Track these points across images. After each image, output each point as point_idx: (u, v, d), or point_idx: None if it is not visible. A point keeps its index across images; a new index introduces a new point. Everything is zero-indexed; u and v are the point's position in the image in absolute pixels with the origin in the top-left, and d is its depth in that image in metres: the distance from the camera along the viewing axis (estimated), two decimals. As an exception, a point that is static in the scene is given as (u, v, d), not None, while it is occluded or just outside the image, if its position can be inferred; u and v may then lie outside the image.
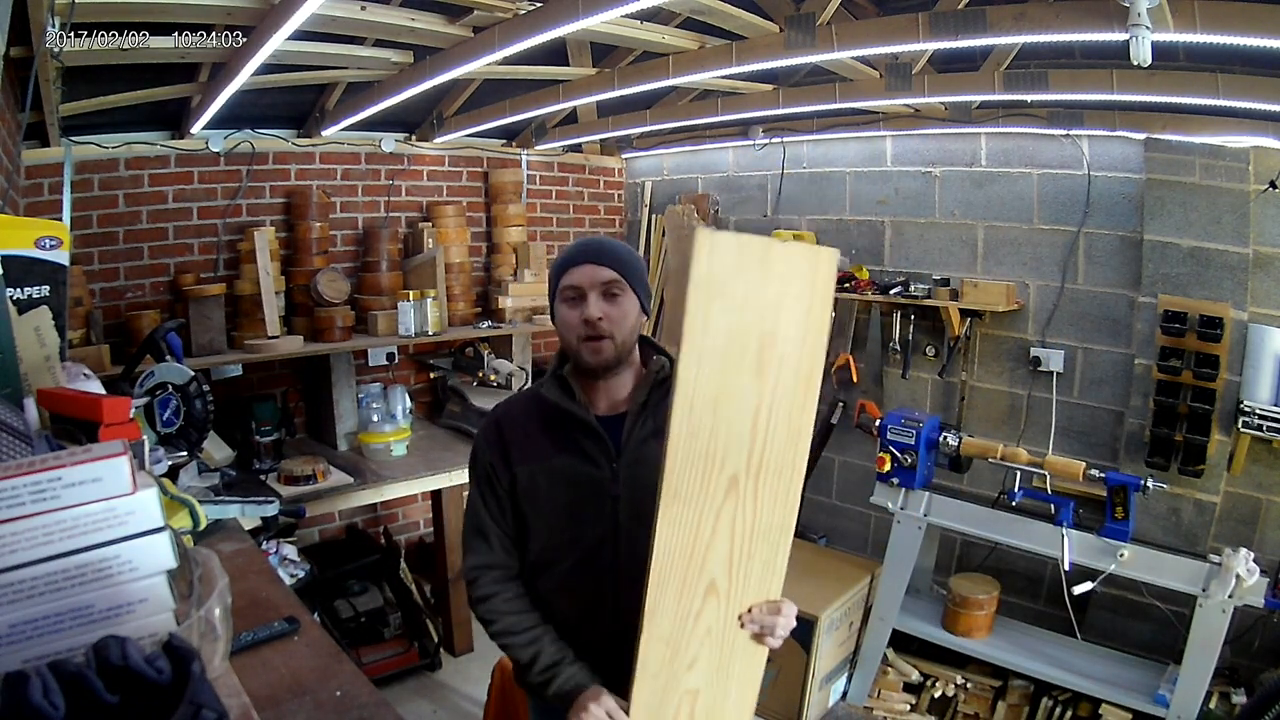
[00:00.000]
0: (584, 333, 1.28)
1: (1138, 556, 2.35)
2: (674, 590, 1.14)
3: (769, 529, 1.16)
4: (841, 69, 2.52)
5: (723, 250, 1.04)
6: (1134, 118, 2.71)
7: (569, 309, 1.30)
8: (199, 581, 0.70)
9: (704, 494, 1.11)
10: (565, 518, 1.34)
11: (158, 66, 2.37)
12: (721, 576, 1.15)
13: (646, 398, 1.32)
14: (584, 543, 1.33)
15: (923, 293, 3.17)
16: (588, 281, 1.28)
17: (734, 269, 1.05)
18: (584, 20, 1.83)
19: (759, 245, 1.06)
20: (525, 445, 1.35)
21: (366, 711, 0.92)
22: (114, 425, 1.09)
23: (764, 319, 1.08)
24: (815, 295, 1.10)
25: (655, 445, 1.28)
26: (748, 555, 1.16)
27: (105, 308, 2.96)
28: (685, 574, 1.14)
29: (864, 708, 2.85)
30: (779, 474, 1.14)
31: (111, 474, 0.61)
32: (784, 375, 1.10)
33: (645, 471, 1.28)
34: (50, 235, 1.18)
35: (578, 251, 1.33)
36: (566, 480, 1.33)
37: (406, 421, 3.32)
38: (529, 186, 4.06)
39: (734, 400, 1.09)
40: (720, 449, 1.10)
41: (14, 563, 0.58)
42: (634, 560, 1.29)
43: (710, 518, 1.12)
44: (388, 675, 3.09)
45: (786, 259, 1.08)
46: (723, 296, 1.05)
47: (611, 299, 1.29)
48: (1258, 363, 2.52)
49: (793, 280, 1.08)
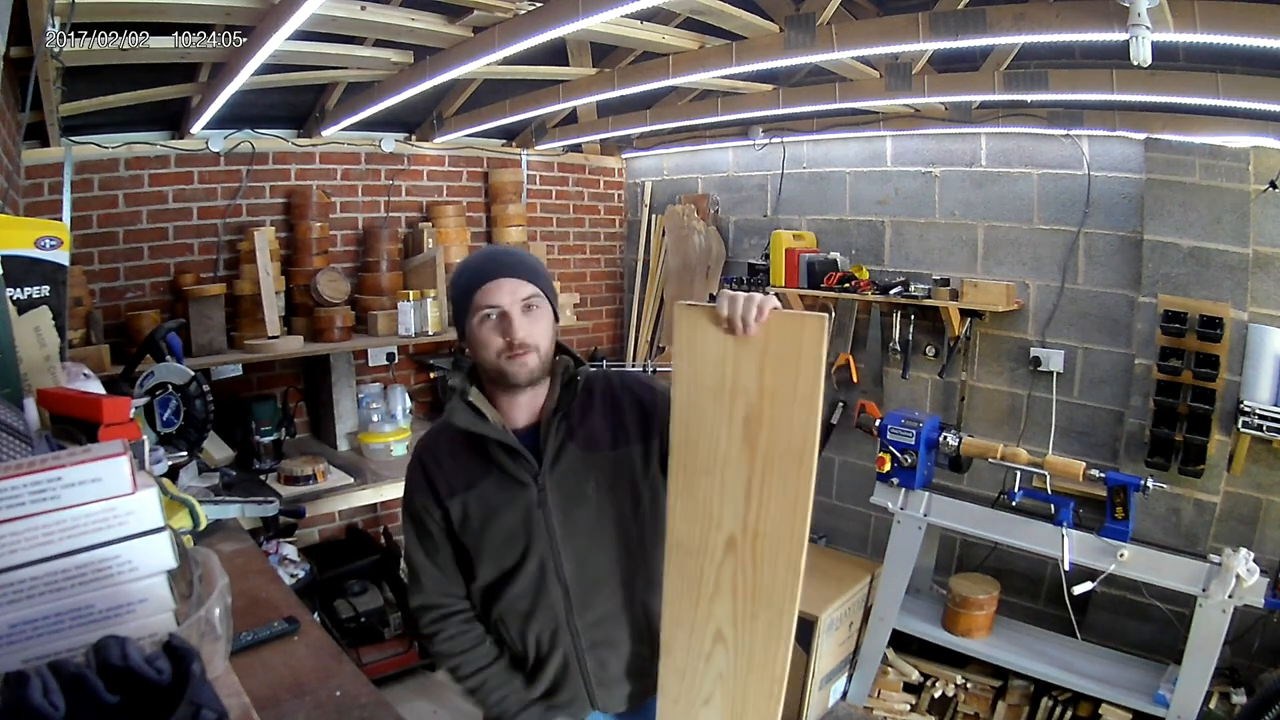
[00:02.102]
0: (509, 351, 1.24)
1: (1138, 556, 2.35)
2: (684, 629, 1.19)
3: (770, 594, 1.15)
4: (841, 69, 2.52)
5: (701, 324, 1.07)
6: (1134, 118, 2.71)
7: (488, 329, 1.25)
8: (199, 581, 0.70)
9: (703, 549, 1.15)
10: (502, 542, 1.31)
11: (158, 66, 2.36)
12: (727, 627, 1.18)
13: (557, 403, 1.30)
14: (527, 564, 1.31)
15: (923, 293, 3.17)
16: (508, 299, 1.23)
17: (714, 341, 1.07)
18: (584, 20, 1.83)
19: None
20: (450, 476, 1.32)
21: (366, 711, 0.92)
22: (114, 425, 1.09)
23: (747, 389, 1.09)
24: (802, 365, 1.07)
25: (574, 448, 1.30)
26: (751, 615, 1.17)
27: (105, 308, 2.96)
28: (694, 617, 1.18)
29: (864, 708, 2.85)
30: (776, 542, 1.13)
31: (111, 474, 0.61)
32: (775, 446, 1.10)
33: (570, 478, 1.29)
34: (50, 235, 1.18)
35: (490, 265, 1.27)
36: (495, 503, 1.30)
37: (406, 421, 3.32)
38: (529, 186, 4.06)
39: (725, 467, 1.12)
40: (716, 510, 1.14)
41: (14, 563, 0.58)
42: (581, 573, 1.31)
43: (712, 571, 1.16)
44: (388, 675, 3.09)
45: (768, 329, 1.07)
46: (703, 368, 1.08)
47: (530, 313, 1.26)
48: (1258, 363, 2.52)
49: (775, 351, 1.07)
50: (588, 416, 1.32)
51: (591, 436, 1.31)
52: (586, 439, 1.30)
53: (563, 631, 1.33)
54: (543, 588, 1.32)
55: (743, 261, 3.90)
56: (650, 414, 1.32)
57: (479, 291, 1.25)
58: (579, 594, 1.32)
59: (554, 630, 1.33)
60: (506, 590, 1.33)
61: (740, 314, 1.06)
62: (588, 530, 1.31)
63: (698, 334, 1.09)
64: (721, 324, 1.07)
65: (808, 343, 1.06)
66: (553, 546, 1.30)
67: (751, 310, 1.06)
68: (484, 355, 1.27)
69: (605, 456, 1.30)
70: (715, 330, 1.08)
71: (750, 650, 1.18)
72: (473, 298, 1.25)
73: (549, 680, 1.36)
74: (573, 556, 1.31)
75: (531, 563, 1.31)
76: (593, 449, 1.30)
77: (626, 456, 1.31)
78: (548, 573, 1.31)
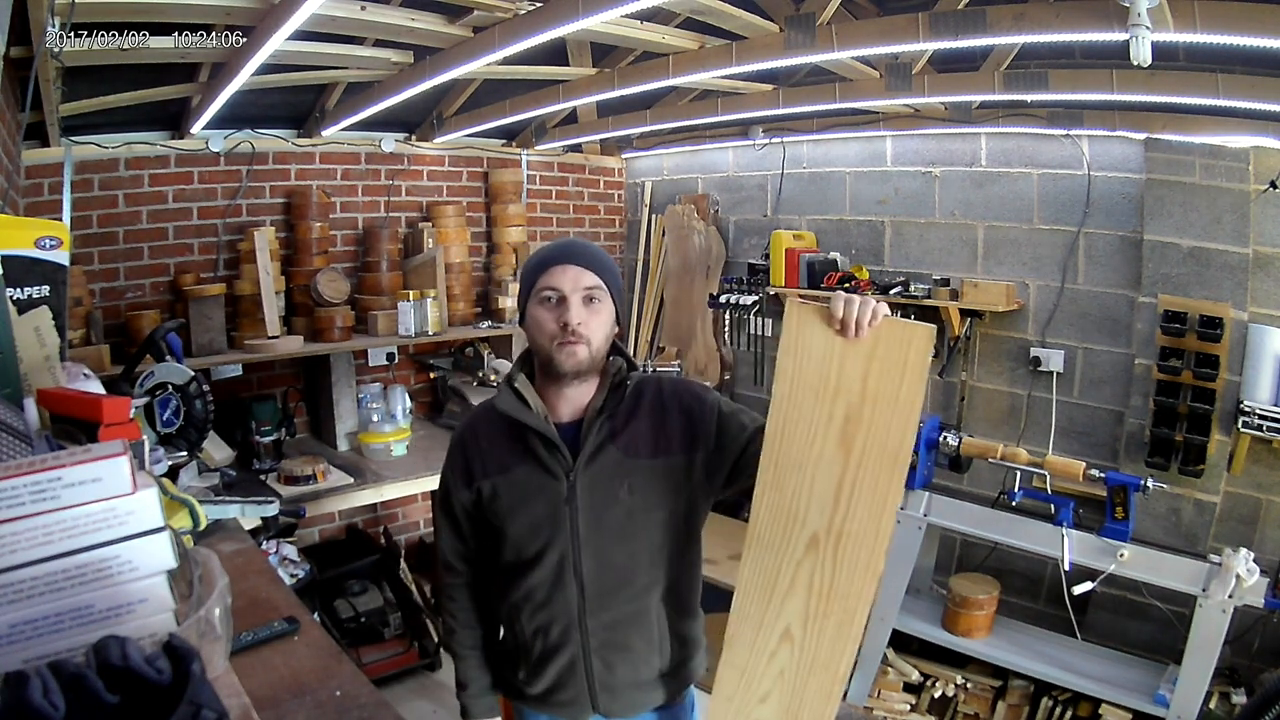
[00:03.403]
0: (561, 337, 1.25)
1: (1138, 556, 2.35)
2: (751, 625, 1.19)
3: (846, 594, 1.15)
4: (841, 69, 2.51)
5: (811, 322, 1.07)
6: (1134, 118, 2.71)
7: (545, 311, 1.26)
8: (199, 581, 0.70)
9: (784, 545, 1.15)
10: (526, 530, 1.32)
11: (158, 66, 2.36)
12: (796, 626, 1.18)
13: (603, 403, 1.30)
14: (547, 555, 1.31)
15: (923, 293, 3.17)
16: (569, 285, 1.25)
17: (821, 341, 1.08)
18: (584, 20, 1.83)
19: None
20: (487, 458, 1.34)
21: (366, 711, 0.92)
22: (114, 425, 1.09)
23: (850, 391, 1.09)
24: (907, 372, 1.08)
25: (614, 450, 1.29)
26: (823, 614, 1.16)
27: (105, 308, 2.96)
28: (764, 614, 1.18)
29: (864, 708, 2.84)
30: (860, 543, 1.13)
31: (111, 474, 0.61)
32: (870, 449, 1.10)
33: (603, 479, 1.28)
34: (50, 235, 1.18)
35: (559, 252, 1.29)
36: (525, 492, 1.31)
37: (406, 421, 3.32)
38: (529, 186, 4.06)
39: (817, 465, 1.12)
40: (803, 508, 1.13)
41: (14, 563, 0.58)
42: (600, 574, 1.31)
43: (789, 568, 1.16)
44: (388, 675, 3.09)
45: (876, 334, 1.07)
46: (808, 366, 1.08)
47: (591, 305, 1.27)
48: (1258, 363, 2.52)
49: (882, 356, 1.08)
50: (632, 420, 1.31)
51: (633, 441, 1.30)
52: (628, 443, 1.30)
53: (574, 630, 1.33)
54: (559, 582, 1.31)
55: (743, 261, 3.90)
56: (697, 424, 1.31)
57: (544, 274, 1.26)
58: (595, 594, 1.31)
59: (565, 627, 1.33)
60: (524, 579, 1.33)
61: (855, 316, 1.06)
62: (614, 532, 1.30)
63: (806, 331, 1.09)
64: (833, 324, 1.07)
65: (915, 351, 1.07)
66: (574, 543, 1.30)
67: (866, 313, 1.06)
68: (537, 338, 1.28)
69: (644, 463, 1.29)
70: (824, 330, 1.08)
71: (816, 649, 1.18)
72: (537, 279, 1.27)
73: (551, 678, 1.35)
74: (593, 556, 1.30)
75: (551, 556, 1.30)
76: (632, 454, 1.29)
77: (666, 465, 1.30)
78: (566, 568, 1.31)
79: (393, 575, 3.32)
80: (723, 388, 3.94)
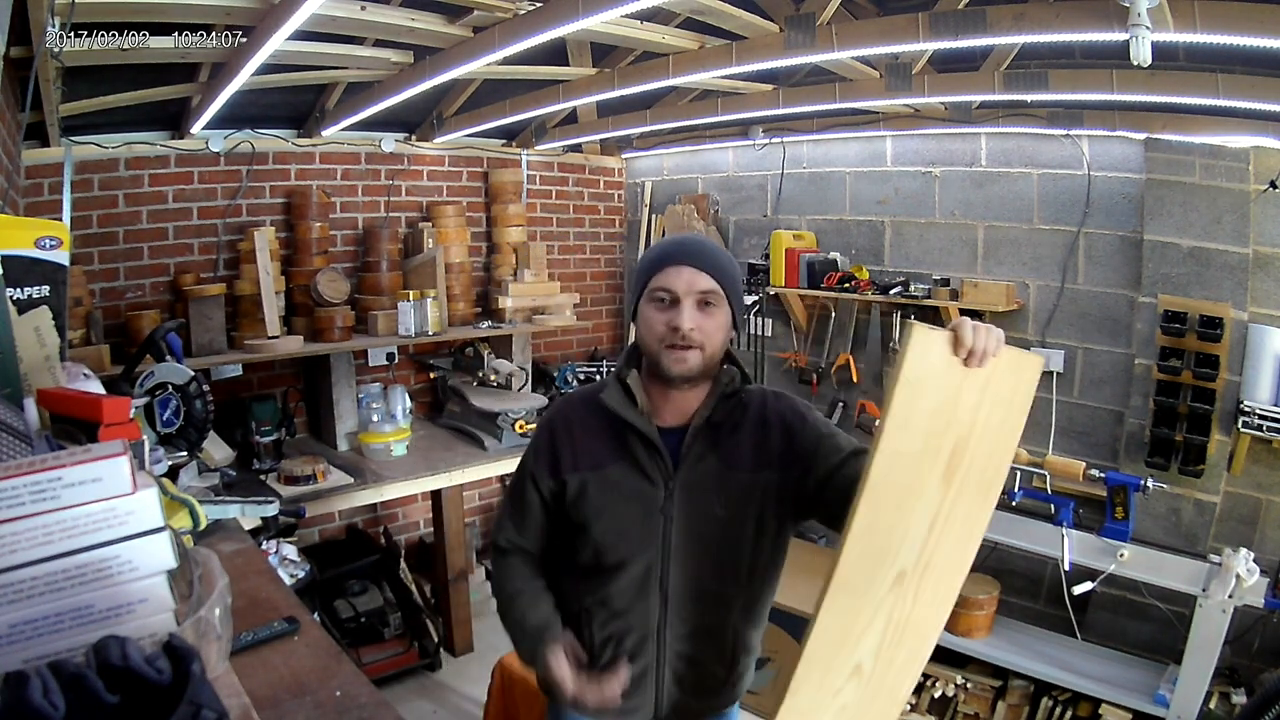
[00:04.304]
0: (670, 340, 1.19)
1: (1138, 556, 2.35)
2: (820, 669, 1.10)
3: (922, 623, 1.11)
4: (841, 69, 2.51)
5: (935, 349, 0.98)
6: (1134, 118, 2.71)
7: (657, 311, 1.20)
8: (199, 581, 0.70)
9: (871, 587, 1.06)
10: (614, 534, 1.26)
11: (158, 66, 2.36)
12: (868, 660, 1.11)
13: (711, 412, 1.24)
14: (632, 563, 1.25)
15: (923, 293, 3.17)
16: (684, 287, 1.18)
17: (942, 370, 0.99)
18: (584, 20, 1.83)
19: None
20: (578, 451, 1.28)
21: (366, 711, 0.92)
22: (114, 425, 1.09)
23: (960, 425, 1.02)
24: (1015, 403, 1.04)
25: (714, 462, 1.24)
26: (896, 643, 1.10)
27: (105, 308, 2.96)
28: (835, 657, 1.10)
29: (864, 708, 2.84)
30: (943, 575, 1.09)
31: (111, 474, 0.61)
32: (969, 480, 1.05)
33: (701, 491, 1.24)
34: (50, 235, 1.18)
35: (677, 250, 1.22)
36: (618, 493, 1.25)
37: (406, 421, 3.32)
38: (529, 186, 4.06)
39: (917, 501, 1.04)
40: (895, 546, 1.05)
41: (14, 563, 0.58)
42: (686, 587, 1.26)
43: (870, 609, 1.07)
44: (388, 675, 3.09)
45: (993, 363, 1.01)
46: (927, 398, 1.00)
47: (706, 309, 1.20)
48: (1258, 363, 2.52)
49: (995, 386, 1.02)
50: (736, 433, 1.26)
51: (735, 454, 1.25)
52: (729, 455, 1.25)
53: (650, 641, 1.28)
54: (644, 593, 1.26)
55: (743, 261, 3.89)
56: (796, 443, 1.26)
57: (659, 273, 1.20)
58: (677, 607, 1.27)
59: (642, 638, 1.28)
60: (604, 584, 1.27)
61: (984, 345, 0.98)
62: (706, 547, 1.25)
63: (929, 360, 0.99)
64: (959, 352, 0.98)
65: (1025, 381, 1.04)
66: (664, 554, 1.24)
67: (993, 343, 0.99)
68: (646, 339, 1.23)
69: (743, 477, 1.24)
70: (947, 359, 0.99)
71: (883, 679, 1.12)
72: (651, 277, 1.21)
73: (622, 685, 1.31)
74: (682, 569, 1.25)
75: (637, 565, 1.25)
76: (733, 466, 1.24)
77: (764, 482, 1.25)
78: (651, 579, 1.25)
79: (393, 575, 3.32)
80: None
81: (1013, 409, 1.04)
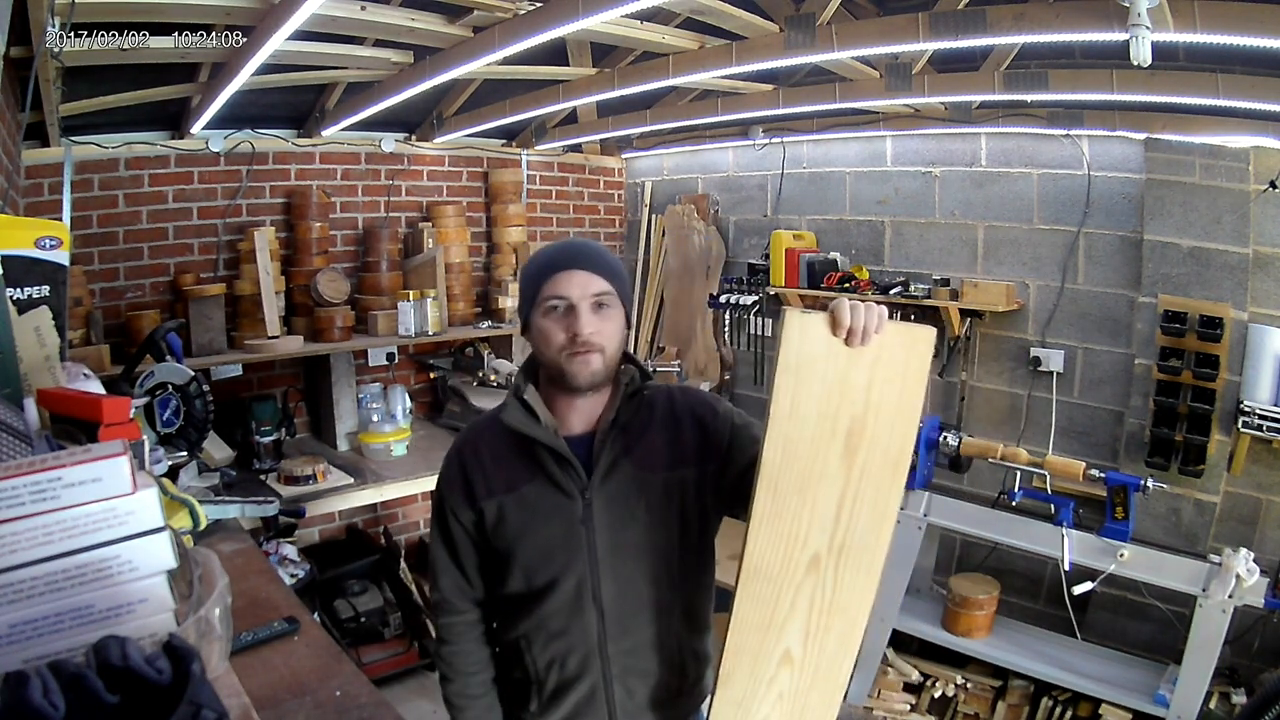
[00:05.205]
0: (571, 348, 1.16)
1: (1138, 556, 2.35)
2: (749, 658, 1.12)
3: (847, 605, 1.12)
4: (841, 69, 2.51)
5: (813, 332, 1.00)
6: (1134, 118, 2.71)
7: (552, 321, 1.17)
8: (199, 581, 0.70)
9: (785, 572, 1.08)
10: (539, 554, 1.22)
11: (158, 66, 2.37)
12: (796, 646, 1.12)
13: (616, 414, 1.22)
14: (563, 581, 1.22)
15: (923, 293, 3.17)
16: (578, 292, 1.15)
17: (824, 352, 1.01)
18: (584, 20, 1.83)
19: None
20: (490, 476, 1.24)
21: (366, 711, 0.92)
22: (114, 425, 1.09)
23: (854, 402, 1.04)
24: (909, 377, 1.05)
25: (628, 466, 1.22)
26: (824, 628, 1.12)
27: (105, 308, 2.96)
28: (761, 645, 1.12)
29: (864, 708, 2.85)
30: (861, 554, 1.10)
31: (111, 474, 0.61)
32: (873, 458, 1.06)
33: (620, 497, 1.22)
34: (50, 235, 1.18)
35: (562, 256, 1.19)
36: (536, 511, 1.22)
37: (406, 421, 3.32)
38: (529, 186, 4.06)
39: (820, 483, 1.05)
40: (804, 530, 1.07)
41: (14, 563, 0.58)
42: (621, 597, 1.23)
43: (789, 594, 1.09)
44: (388, 675, 3.09)
45: (880, 340, 1.03)
46: (811, 380, 1.02)
47: (602, 311, 1.18)
48: (1258, 363, 2.51)
49: (885, 362, 1.03)
50: (646, 433, 1.24)
51: (648, 455, 1.23)
52: (642, 457, 1.22)
53: (593, 658, 1.25)
54: (578, 609, 1.23)
55: (743, 261, 3.90)
56: (710, 437, 1.25)
57: (548, 281, 1.17)
58: (615, 620, 1.24)
59: (584, 656, 1.24)
60: (537, 607, 1.24)
61: (864, 323, 0.99)
62: (633, 553, 1.22)
63: (808, 342, 1.01)
64: (839, 332, 1.00)
65: (917, 355, 1.04)
66: (593, 567, 1.21)
67: (873, 320, 1.00)
68: (545, 350, 1.19)
69: (660, 478, 1.22)
70: (828, 339, 1.01)
71: (817, 665, 1.13)
72: (540, 287, 1.17)
73: (569, 709, 1.27)
74: (614, 580, 1.22)
75: (568, 581, 1.22)
76: (647, 468, 1.22)
77: (681, 480, 1.23)
78: (585, 594, 1.22)
79: (393, 575, 3.32)
80: (723, 388, 3.94)
81: (908, 381, 1.05)
